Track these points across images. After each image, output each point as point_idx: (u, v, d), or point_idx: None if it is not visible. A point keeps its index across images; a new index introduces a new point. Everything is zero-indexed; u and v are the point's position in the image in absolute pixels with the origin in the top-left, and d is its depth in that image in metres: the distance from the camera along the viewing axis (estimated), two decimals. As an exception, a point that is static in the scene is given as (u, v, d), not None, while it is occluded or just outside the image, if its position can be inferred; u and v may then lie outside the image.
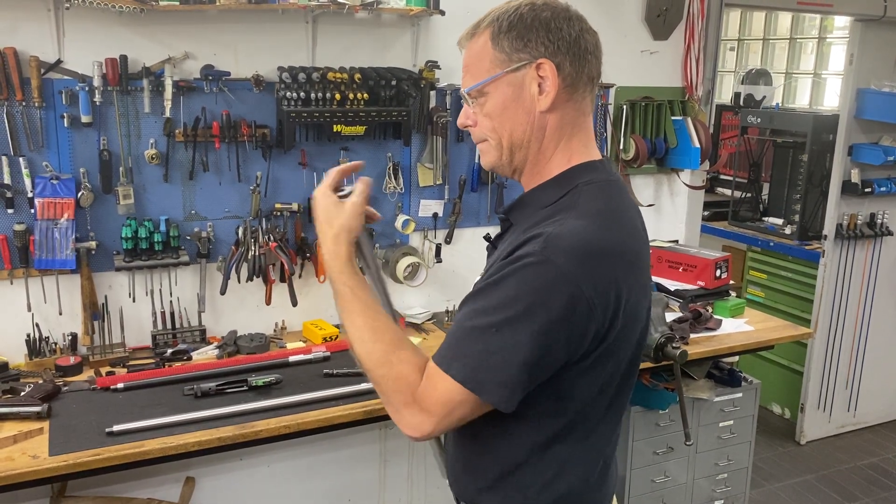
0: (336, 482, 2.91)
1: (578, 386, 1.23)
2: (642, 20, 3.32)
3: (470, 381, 1.15)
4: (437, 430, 1.20)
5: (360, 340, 1.25)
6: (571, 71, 1.22)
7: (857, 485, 3.90)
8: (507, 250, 1.21)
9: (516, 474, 1.29)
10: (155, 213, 2.55)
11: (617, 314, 1.19)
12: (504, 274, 1.16)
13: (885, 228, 4.19)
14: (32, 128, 2.34)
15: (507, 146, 1.27)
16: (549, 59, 1.21)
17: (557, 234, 1.15)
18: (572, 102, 1.25)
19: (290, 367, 2.46)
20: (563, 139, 1.27)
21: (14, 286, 2.42)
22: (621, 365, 1.28)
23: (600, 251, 1.16)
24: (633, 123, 3.31)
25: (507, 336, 1.14)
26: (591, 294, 1.14)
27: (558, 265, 1.12)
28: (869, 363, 4.40)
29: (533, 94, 1.23)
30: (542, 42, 1.21)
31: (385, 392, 1.23)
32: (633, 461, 2.93)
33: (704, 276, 3.12)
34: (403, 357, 1.22)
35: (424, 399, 1.18)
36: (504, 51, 1.22)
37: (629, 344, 1.27)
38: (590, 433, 1.30)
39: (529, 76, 1.22)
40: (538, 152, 1.27)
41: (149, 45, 2.44)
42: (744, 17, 6.82)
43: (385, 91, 2.65)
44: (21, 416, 2.05)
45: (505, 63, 1.23)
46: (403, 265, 2.85)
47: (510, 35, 1.22)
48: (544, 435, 1.26)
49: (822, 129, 4.28)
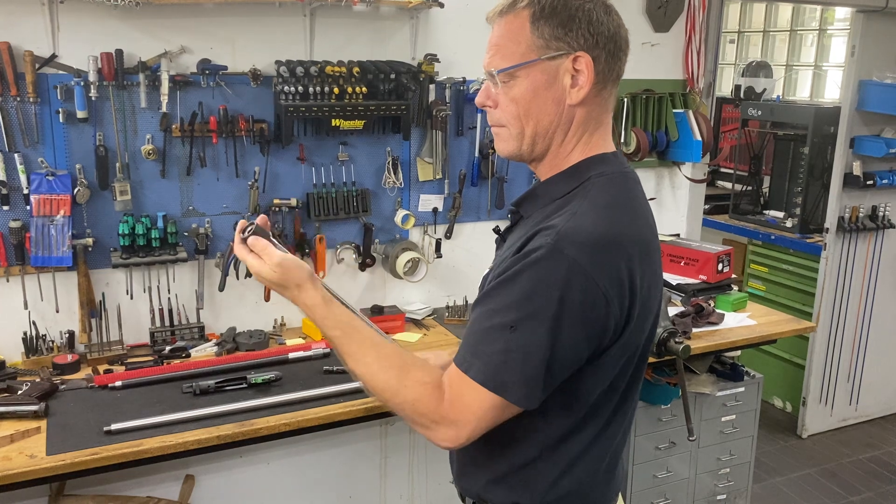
0: (337, 479, 2.90)
1: (592, 382, 1.21)
2: (643, 12, 3.29)
3: (491, 382, 1.13)
4: (472, 437, 1.18)
5: (369, 375, 1.22)
6: (605, 67, 1.19)
7: (859, 478, 3.89)
8: (518, 244, 1.19)
9: (526, 470, 1.28)
10: (152, 209, 2.52)
11: (633, 306, 1.17)
12: (516, 270, 1.14)
13: (887, 221, 4.17)
14: (27, 123, 2.32)
15: (529, 135, 1.23)
16: (587, 52, 1.17)
17: (569, 227, 1.13)
18: (600, 98, 1.23)
19: (290, 364, 2.44)
20: (585, 134, 1.24)
21: (10, 284, 2.40)
22: (634, 358, 1.26)
23: (613, 242, 1.14)
24: (634, 116, 3.28)
25: (526, 334, 1.11)
26: (605, 286, 1.11)
27: (571, 258, 1.10)
28: (871, 356, 4.39)
29: (565, 85, 1.19)
30: (583, 34, 1.17)
31: (409, 417, 1.21)
32: (635, 456, 2.92)
33: (706, 270, 3.10)
34: (416, 379, 1.19)
35: (452, 411, 1.16)
36: (543, 36, 1.17)
37: (642, 335, 1.26)
38: (601, 429, 1.28)
39: (564, 67, 1.18)
40: (560, 145, 1.25)
41: (144, 40, 2.42)
42: (744, 9, 6.79)
43: (384, 85, 2.62)
44: (18, 415, 2.04)
45: (542, 49, 1.18)
46: (403, 260, 2.83)
47: (552, 21, 1.17)
48: (557, 432, 1.25)
49: (824, 122, 4.26)
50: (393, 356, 1.22)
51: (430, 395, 1.17)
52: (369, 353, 1.22)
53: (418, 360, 1.24)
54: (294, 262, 1.27)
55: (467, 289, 3.06)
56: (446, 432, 1.17)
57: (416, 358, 1.25)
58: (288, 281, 1.26)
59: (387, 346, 1.24)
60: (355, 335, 1.24)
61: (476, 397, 1.14)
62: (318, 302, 1.26)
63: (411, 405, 1.19)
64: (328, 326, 1.25)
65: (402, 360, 1.22)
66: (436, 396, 1.17)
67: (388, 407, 1.23)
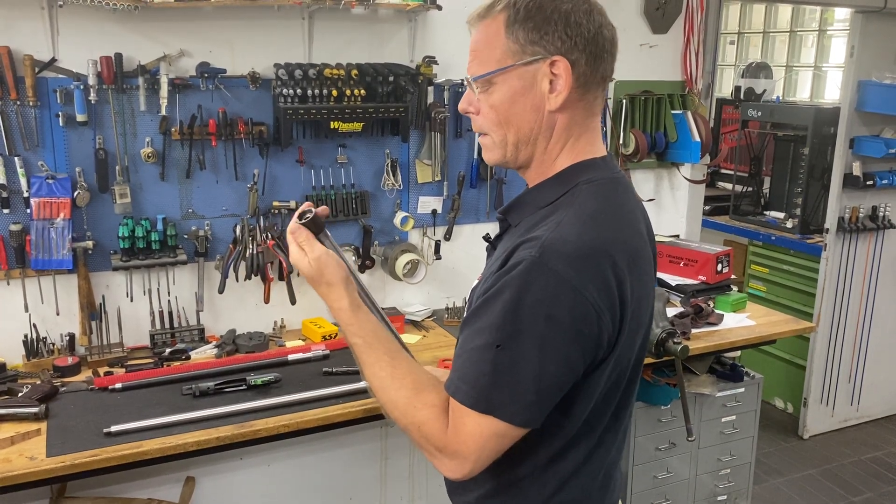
0: (337, 480, 2.90)
1: (584, 397, 1.17)
2: (641, 13, 3.30)
3: (482, 404, 1.09)
4: (475, 468, 1.14)
5: (382, 390, 1.20)
6: (586, 70, 1.15)
7: (860, 479, 3.88)
8: (503, 256, 1.15)
9: (519, 486, 1.24)
10: (152, 212, 2.53)
11: (624, 317, 1.13)
12: (500, 287, 1.10)
13: (887, 221, 4.17)
14: (27, 127, 2.33)
15: (511, 142, 1.20)
16: (564, 55, 1.13)
17: (552, 238, 1.09)
18: (583, 102, 1.18)
19: (290, 366, 2.45)
20: (570, 139, 1.20)
21: (11, 287, 2.41)
22: (626, 370, 1.22)
23: (599, 251, 1.09)
24: (632, 118, 3.29)
25: (513, 352, 1.08)
26: (595, 298, 1.07)
27: (557, 271, 1.06)
28: (871, 357, 4.38)
29: (544, 91, 1.15)
30: (559, 37, 1.12)
31: (415, 440, 1.18)
32: (635, 457, 2.91)
33: (706, 271, 3.11)
34: (428, 401, 1.16)
35: (454, 441, 1.13)
36: (518, 41, 1.14)
37: (633, 348, 1.22)
38: (594, 445, 1.24)
39: (542, 72, 1.14)
40: (544, 151, 1.21)
41: (144, 43, 2.43)
42: (743, 9, 6.80)
43: (382, 87, 2.63)
44: (18, 417, 2.04)
45: (517, 55, 1.14)
46: (402, 262, 2.84)
47: (527, 25, 1.13)
48: (549, 449, 1.21)
49: (823, 122, 4.26)
50: (409, 375, 1.19)
51: (435, 419, 1.14)
52: (385, 368, 1.20)
53: (435, 382, 1.20)
54: (332, 261, 1.26)
55: (466, 290, 3.03)
56: (450, 464, 1.14)
57: (432, 378, 1.21)
58: (321, 278, 1.25)
59: (405, 364, 1.21)
60: (377, 346, 1.22)
61: (473, 425, 1.11)
62: (344, 306, 1.24)
63: (418, 428, 1.16)
64: (351, 333, 1.24)
65: (417, 380, 1.19)
66: (442, 421, 1.14)
67: (399, 426, 1.20)
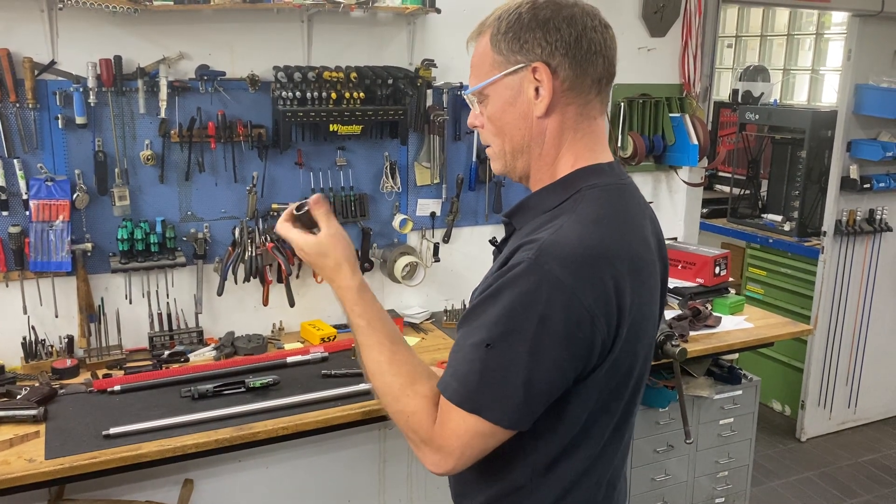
0: (336, 483, 2.90)
1: (578, 403, 1.15)
2: (639, 17, 3.31)
3: (468, 403, 1.10)
4: (458, 466, 1.14)
5: (378, 374, 1.21)
6: (571, 73, 1.16)
7: (858, 481, 3.89)
8: (503, 259, 1.16)
9: (521, 493, 1.23)
10: (151, 215, 2.53)
11: (621, 324, 1.12)
12: (497, 287, 1.10)
13: (885, 224, 4.18)
14: (27, 129, 2.33)
15: (509, 152, 1.23)
16: (545, 61, 1.15)
17: (552, 242, 1.09)
18: (574, 106, 1.19)
19: (288, 368, 2.45)
20: (564, 144, 1.21)
21: (9, 289, 2.41)
22: (628, 381, 1.21)
23: (598, 257, 1.09)
24: (630, 121, 3.30)
25: (504, 352, 1.08)
26: (590, 304, 1.07)
27: (552, 274, 1.06)
28: (869, 359, 4.39)
29: (530, 98, 1.18)
30: (538, 43, 1.15)
31: (402, 429, 1.18)
32: (633, 460, 2.92)
33: (703, 274, 3.12)
34: (420, 391, 1.17)
35: (439, 435, 1.13)
36: (502, 52, 1.18)
37: (635, 357, 1.20)
38: (596, 454, 1.22)
39: (527, 80, 1.17)
40: (539, 157, 1.22)
41: (143, 46, 2.43)
42: (741, 13, 6.82)
43: (381, 90, 2.64)
44: (17, 420, 2.04)
45: (502, 65, 1.18)
46: (401, 265, 2.84)
47: (507, 36, 1.17)
48: (547, 455, 1.20)
49: (821, 126, 4.27)
50: (407, 363, 1.20)
51: (424, 410, 1.15)
52: (385, 353, 1.21)
53: (429, 373, 1.21)
54: (345, 240, 1.28)
55: (465, 293, 3.06)
56: (433, 457, 1.15)
57: (428, 370, 1.22)
58: (334, 251, 1.26)
59: (404, 351, 1.22)
60: (379, 329, 1.23)
61: (459, 422, 1.11)
62: (353, 285, 1.25)
63: (406, 417, 1.16)
64: (356, 314, 1.24)
65: (414, 370, 1.20)
66: (430, 414, 1.15)
67: (387, 412, 1.21)
